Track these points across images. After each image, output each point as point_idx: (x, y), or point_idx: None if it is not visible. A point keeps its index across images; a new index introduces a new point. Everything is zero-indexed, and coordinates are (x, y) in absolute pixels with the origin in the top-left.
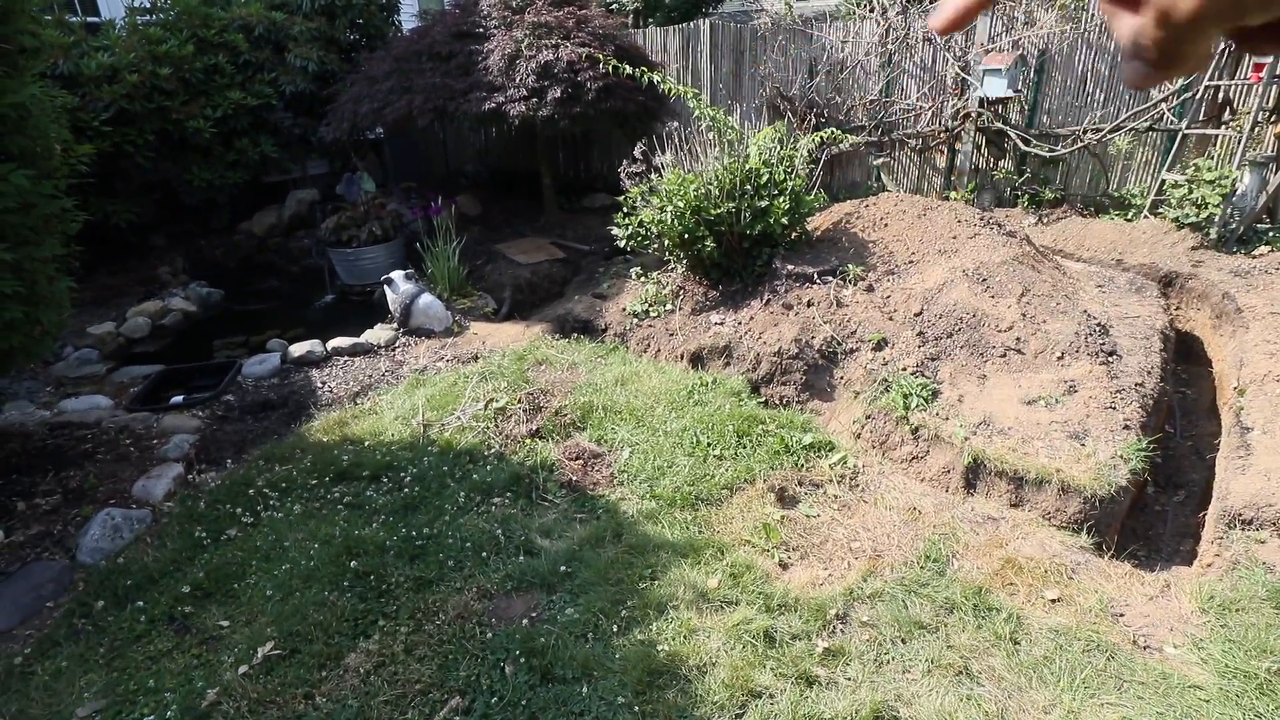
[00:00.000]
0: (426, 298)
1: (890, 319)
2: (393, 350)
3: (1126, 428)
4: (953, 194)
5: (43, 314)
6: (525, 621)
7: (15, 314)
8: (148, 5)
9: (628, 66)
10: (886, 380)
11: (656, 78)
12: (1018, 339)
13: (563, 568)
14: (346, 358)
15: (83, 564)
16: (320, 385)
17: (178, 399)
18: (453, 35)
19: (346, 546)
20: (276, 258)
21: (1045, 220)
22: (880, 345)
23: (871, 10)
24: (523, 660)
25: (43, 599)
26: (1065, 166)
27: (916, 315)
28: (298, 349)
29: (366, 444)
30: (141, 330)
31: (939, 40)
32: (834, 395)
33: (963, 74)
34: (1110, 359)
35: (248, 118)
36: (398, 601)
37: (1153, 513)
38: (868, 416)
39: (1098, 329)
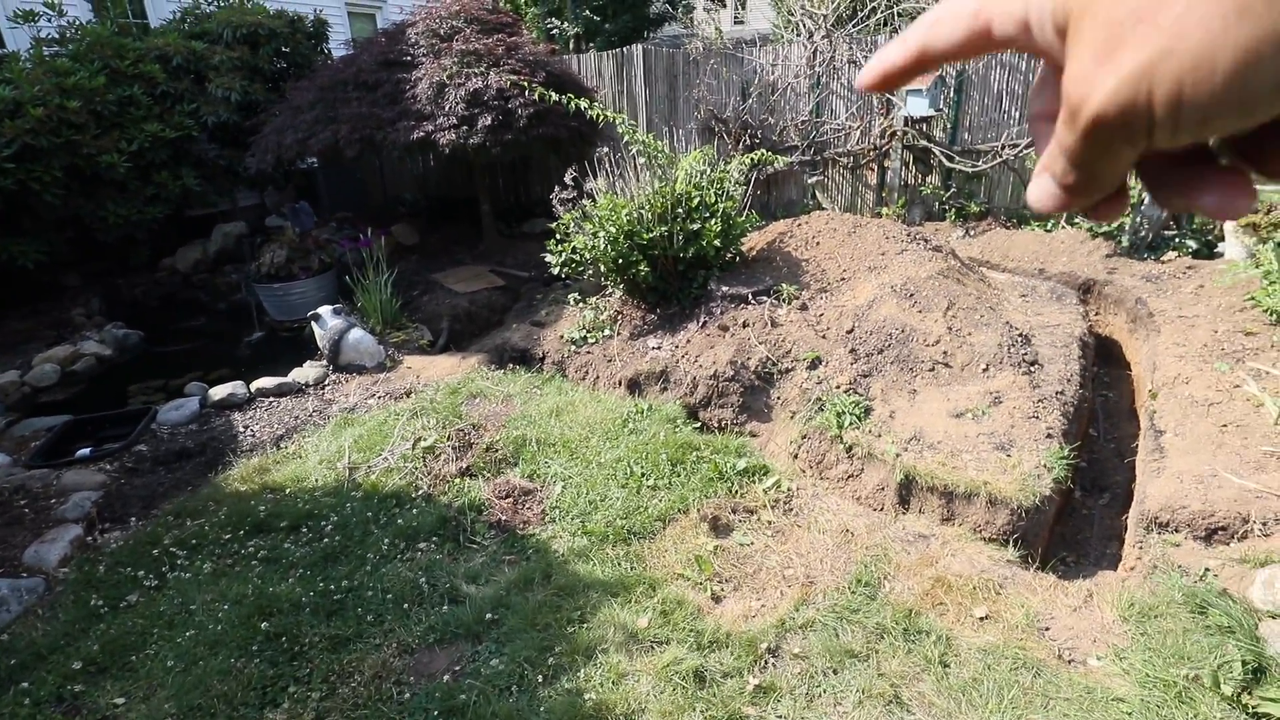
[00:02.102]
0: (356, 333)
1: (824, 337)
2: (322, 389)
3: (1049, 436)
4: (885, 210)
5: None
6: (447, 677)
7: None
8: (55, 36)
9: (554, 94)
10: (821, 399)
11: (584, 104)
12: (945, 352)
13: (489, 615)
14: (272, 399)
15: None
16: (242, 430)
17: (84, 451)
18: (380, 64)
19: (259, 606)
20: (202, 294)
21: (972, 232)
22: (815, 364)
23: (798, 34)
24: None
25: None
26: (988, 181)
27: (848, 333)
28: (219, 392)
29: (288, 491)
30: (50, 378)
31: (863, 62)
32: (771, 416)
33: (888, 95)
34: (1032, 368)
35: (167, 150)
36: (311, 664)
37: (1080, 517)
38: (804, 436)
39: (1020, 339)
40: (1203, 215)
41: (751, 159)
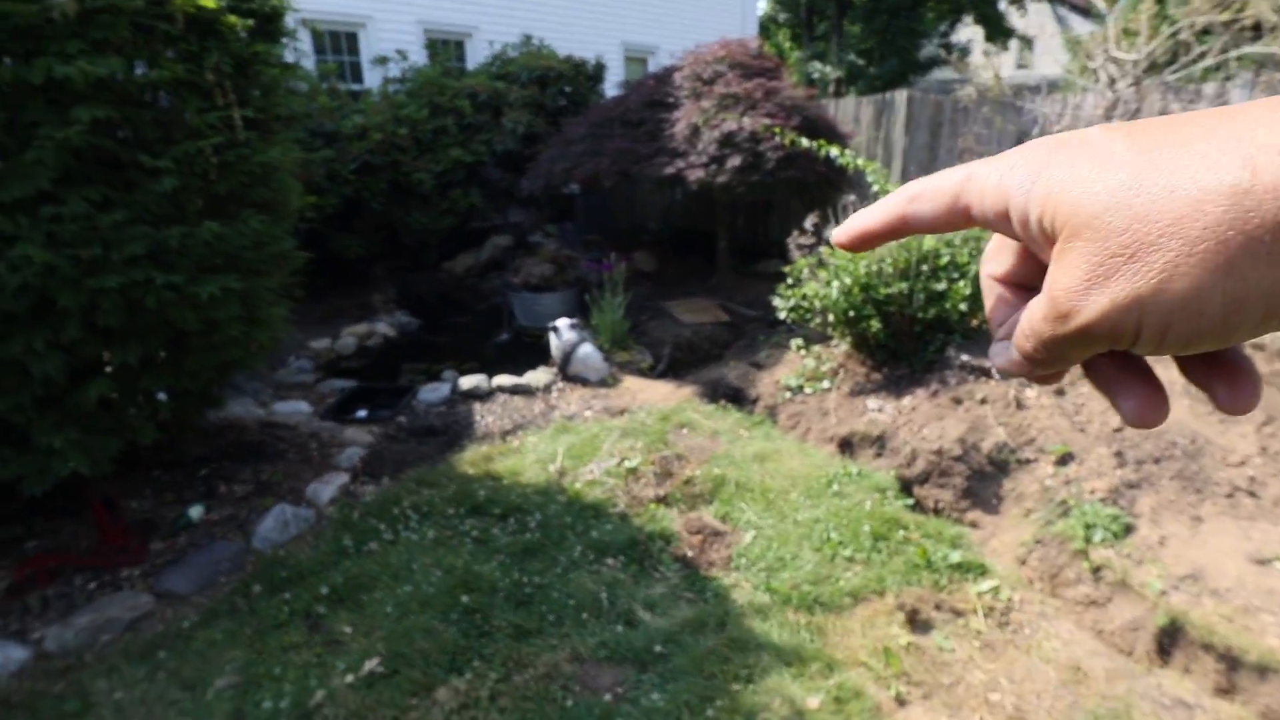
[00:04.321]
0: (586, 348)
1: (1081, 431)
2: (548, 394)
3: None
4: None
5: (259, 333)
6: (609, 697)
7: (236, 332)
8: (398, 76)
9: (804, 140)
10: (1066, 503)
11: (835, 150)
12: (1252, 478)
13: (658, 647)
14: (507, 395)
15: (255, 549)
16: (479, 419)
17: (361, 414)
18: (645, 104)
19: (463, 580)
20: (469, 295)
21: None
22: (1064, 460)
23: (1097, 81)
24: None
25: (219, 574)
26: None
27: (1115, 431)
28: (466, 382)
29: (504, 482)
30: (350, 349)
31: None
32: (999, 510)
33: None
34: None
35: (463, 172)
36: (495, 645)
37: None
38: (1037, 541)
39: None
40: (1120, 417)
41: None
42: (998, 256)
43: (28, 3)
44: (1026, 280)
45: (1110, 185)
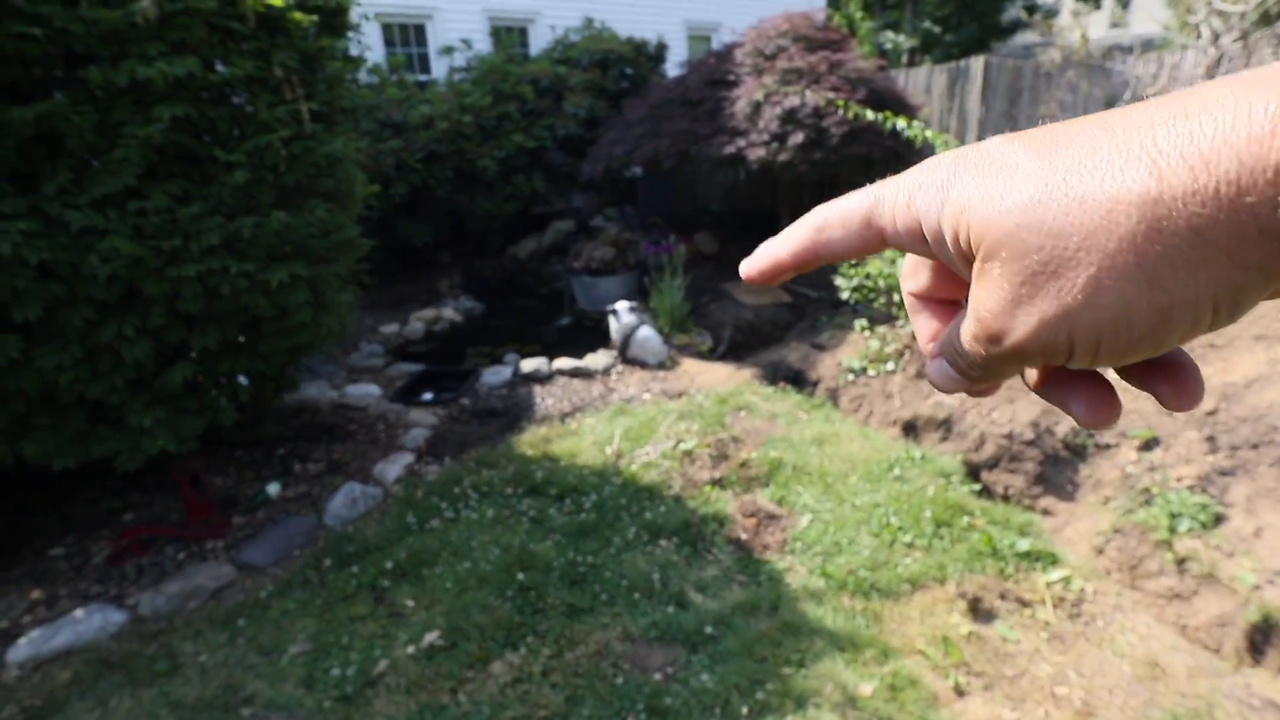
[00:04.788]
0: (645, 330)
1: (1168, 414)
2: (607, 376)
3: None
4: None
5: (326, 318)
6: (659, 676)
7: (305, 317)
8: (464, 65)
9: (869, 112)
10: (1150, 490)
11: (902, 122)
12: None
13: (709, 629)
14: (566, 378)
15: (326, 525)
16: (539, 401)
17: (427, 396)
18: (705, 83)
19: (520, 558)
20: (532, 280)
21: None
22: (1149, 444)
23: (1198, 37)
24: (644, 718)
25: (293, 547)
26: None
27: (1209, 414)
28: (527, 365)
29: (562, 463)
30: (418, 333)
31: None
32: (1075, 497)
33: None
34: None
35: (526, 158)
36: (549, 622)
37: None
38: (1116, 531)
39: None
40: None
41: None
42: (915, 275)
43: (113, 8)
44: (947, 295)
45: (1020, 200)
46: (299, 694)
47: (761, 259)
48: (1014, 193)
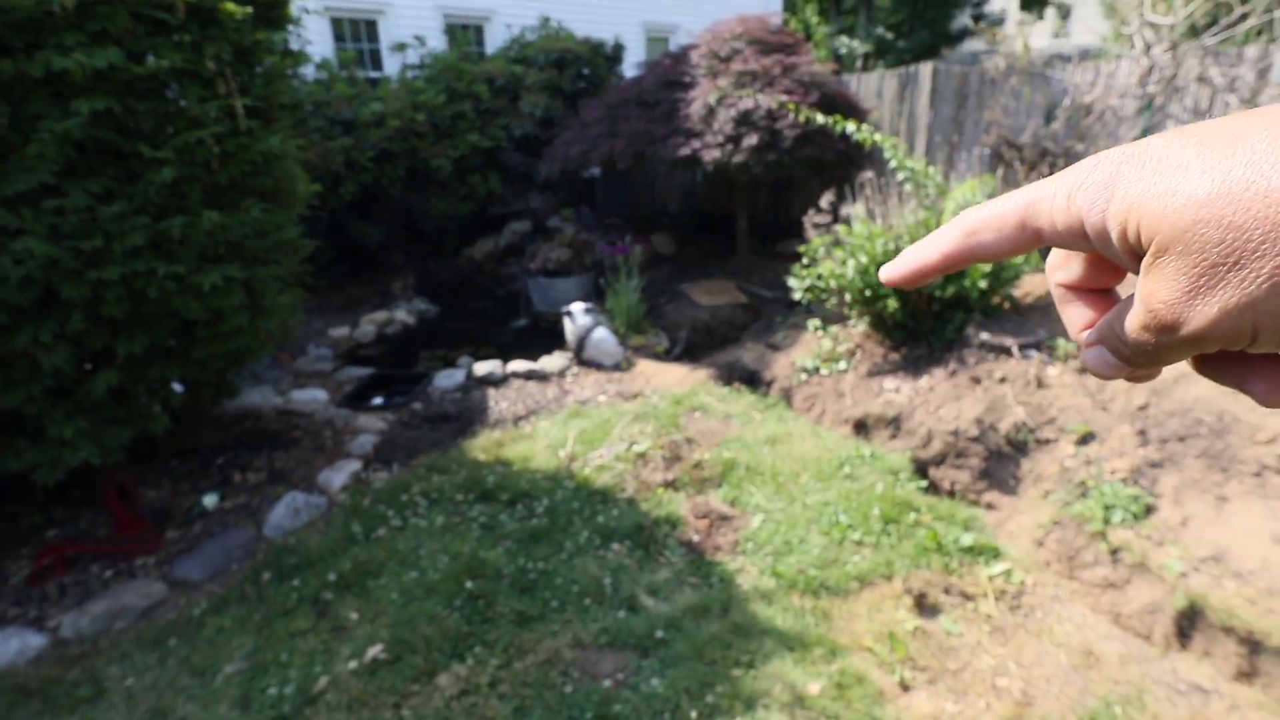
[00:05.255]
0: (601, 331)
1: (1103, 409)
2: (563, 378)
3: None
4: None
5: (265, 322)
6: (608, 683)
7: (241, 321)
8: (417, 62)
9: (819, 115)
10: (1086, 484)
11: (851, 126)
12: None
13: (660, 633)
14: (521, 380)
15: (266, 537)
16: (493, 404)
17: (377, 401)
18: (661, 84)
19: (469, 566)
20: (488, 281)
21: None
22: (1085, 439)
23: (1132, 47)
24: None
25: (230, 561)
26: None
27: (1140, 409)
28: (481, 368)
29: (515, 468)
30: (369, 336)
31: (1220, 81)
32: (1017, 491)
33: None
34: None
35: (481, 157)
36: (498, 631)
37: None
38: (1055, 523)
39: None
40: (1250, 398)
41: None
42: (1065, 267)
43: None
44: (1099, 285)
45: (1196, 196)
46: (233, 716)
47: (907, 263)
48: (1188, 189)
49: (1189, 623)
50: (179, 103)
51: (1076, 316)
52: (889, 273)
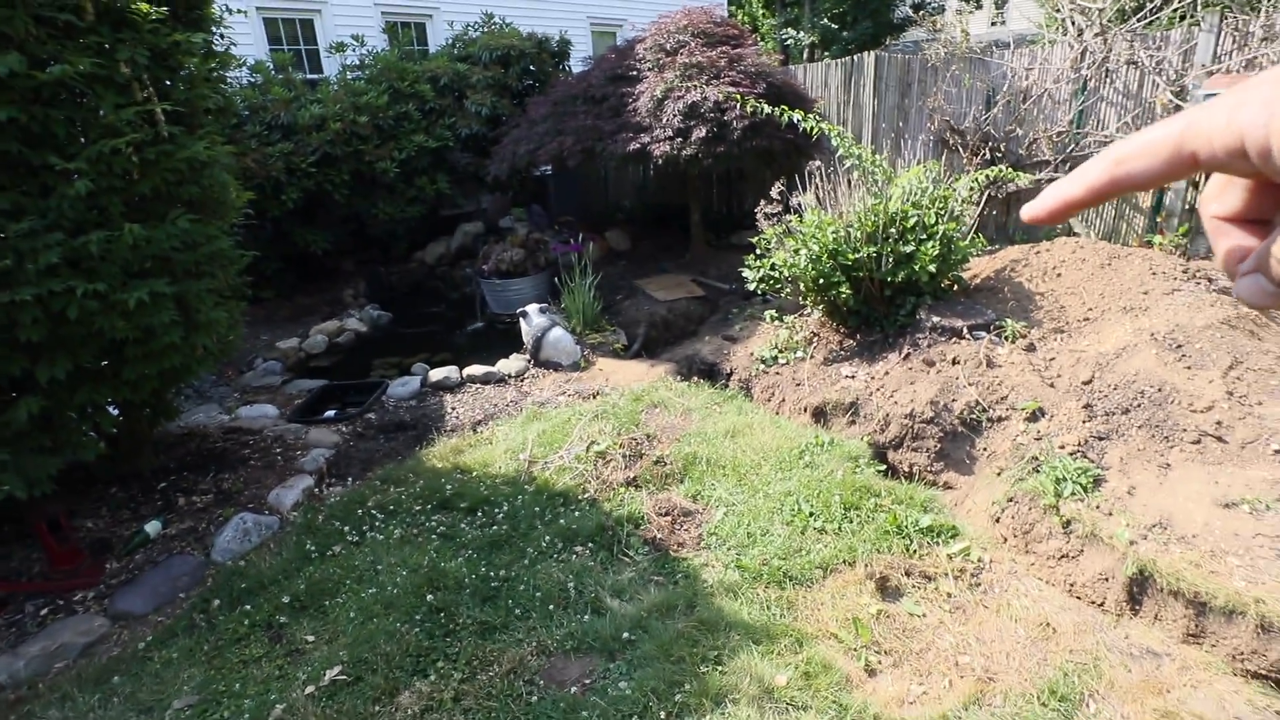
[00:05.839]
0: (557, 331)
1: (1051, 386)
2: (521, 381)
3: None
4: (1158, 239)
5: (200, 338)
6: (575, 689)
7: (174, 338)
8: (357, 62)
9: (766, 106)
10: (1038, 459)
11: (797, 115)
12: (1219, 423)
13: (626, 634)
14: (478, 385)
15: (215, 562)
16: (450, 410)
17: (330, 413)
18: (608, 79)
19: (429, 578)
20: (442, 285)
21: None
22: (1035, 416)
23: (1064, 33)
24: None
25: (177, 590)
26: None
27: (1085, 384)
28: (436, 374)
29: (474, 474)
30: (319, 347)
31: (1147, 63)
32: (973, 470)
33: (1176, 100)
34: None
35: (428, 158)
36: (460, 644)
37: None
38: (1010, 500)
39: None
40: None
41: (986, 175)
42: (1222, 197)
43: None
44: (1258, 215)
45: None
46: None
47: (1051, 198)
48: None
49: (1139, 589)
50: (94, 110)
51: (1230, 249)
52: (1032, 210)
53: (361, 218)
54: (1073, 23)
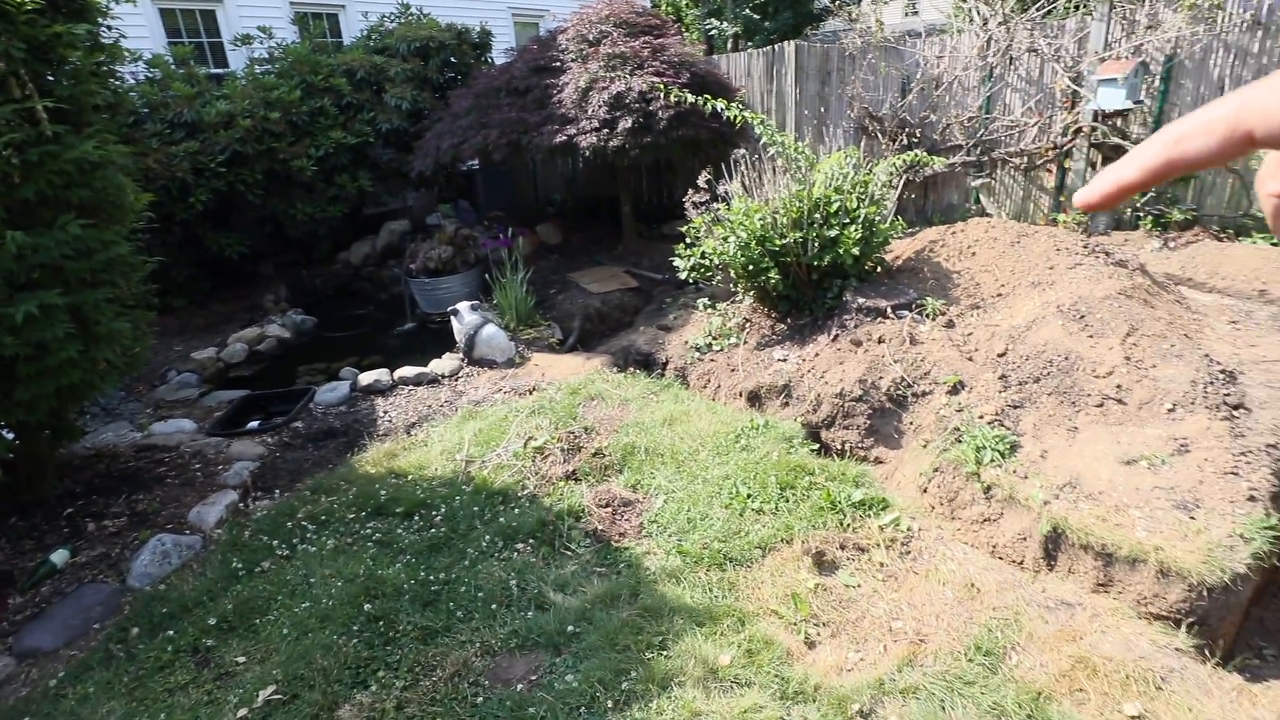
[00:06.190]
0: (490, 329)
1: (970, 359)
2: (455, 380)
3: (1252, 499)
4: (1062, 217)
5: (101, 351)
6: (521, 686)
7: (71, 352)
8: (266, 56)
9: (690, 96)
10: (959, 430)
11: (721, 104)
12: (1119, 386)
13: (571, 627)
14: (411, 387)
15: (131, 588)
16: (382, 414)
17: (254, 424)
18: (531, 70)
19: (366, 587)
20: (369, 286)
21: (1172, 245)
22: (956, 389)
23: (971, 22)
24: None
25: (90, 621)
26: (1198, 184)
27: (1000, 356)
28: (366, 378)
29: (409, 478)
30: (239, 356)
31: (1046, 50)
32: (901, 444)
33: (1074, 86)
34: (1236, 413)
35: (348, 155)
36: (401, 651)
37: None
38: (935, 470)
39: (1221, 376)
40: None
41: (904, 160)
42: (1279, 174)
43: None
44: None
45: None
46: None
47: (1105, 182)
48: None
49: (1054, 545)
50: None
51: None
52: (1085, 196)
53: (279, 219)
54: (978, 12)
